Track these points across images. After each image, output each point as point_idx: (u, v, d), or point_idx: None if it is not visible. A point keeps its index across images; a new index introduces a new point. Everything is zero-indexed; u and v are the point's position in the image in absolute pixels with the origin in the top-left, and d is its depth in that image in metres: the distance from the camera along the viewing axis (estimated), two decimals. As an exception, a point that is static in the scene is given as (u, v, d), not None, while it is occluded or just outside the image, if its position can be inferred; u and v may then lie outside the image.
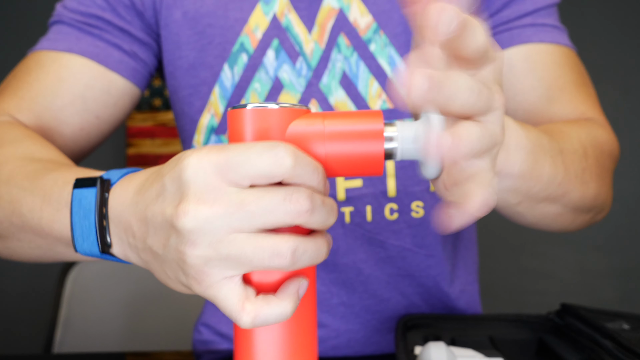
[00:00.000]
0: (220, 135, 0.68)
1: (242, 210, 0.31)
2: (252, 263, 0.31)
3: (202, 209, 0.31)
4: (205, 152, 0.31)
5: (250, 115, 0.33)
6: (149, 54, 0.69)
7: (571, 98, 0.66)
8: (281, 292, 0.33)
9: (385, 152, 0.34)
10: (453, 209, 0.31)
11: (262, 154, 0.31)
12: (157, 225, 0.33)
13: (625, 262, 2.19)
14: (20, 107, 0.62)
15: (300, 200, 0.31)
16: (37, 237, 0.45)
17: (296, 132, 0.33)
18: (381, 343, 0.73)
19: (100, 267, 1.15)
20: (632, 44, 2.15)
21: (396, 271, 0.71)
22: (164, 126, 2.08)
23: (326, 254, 0.34)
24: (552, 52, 0.66)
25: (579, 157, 0.53)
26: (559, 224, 0.55)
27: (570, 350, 0.57)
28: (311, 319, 0.36)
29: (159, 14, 0.67)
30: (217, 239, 0.31)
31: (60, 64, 0.64)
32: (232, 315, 0.32)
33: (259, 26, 0.66)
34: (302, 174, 0.32)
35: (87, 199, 0.39)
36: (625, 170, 2.16)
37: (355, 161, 0.34)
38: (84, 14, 0.65)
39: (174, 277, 0.35)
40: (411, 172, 0.67)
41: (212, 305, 0.79)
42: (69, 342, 1.09)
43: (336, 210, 0.34)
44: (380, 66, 0.66)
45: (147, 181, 0.35)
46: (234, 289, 0.32)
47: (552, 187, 0.48)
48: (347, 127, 0.33)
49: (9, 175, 0.47)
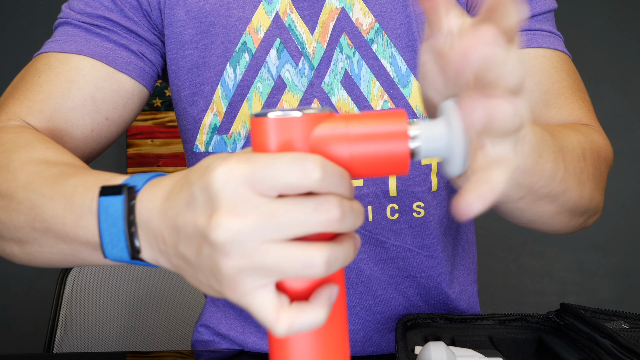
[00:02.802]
0: (223, 135, 0.68)
1: (274, 222, 0.31)
2: (285, 273, 0.31)
3: (234, 221, 0.31)
4: (235, 163, 0.31)
5: (273, 124, 0.33)
6: (156, 54, 0.69)
7: (567, 103, 0.66)
8: (314, 300, 0.33)
9: (410, 152, 0.34)
10: (472, 195, 0.31)
11: (290, 167, 0.31)
12: (189, 234, 0.33)
13: (624, 262, 2.19)
14: (31, 110, 0.61)
15: (332, 209, 0.31)
16: (60, 242, 0.45)
17: (320, 137, 0.33)
18: (381, 343, 0.73)
19: (100, 267, 1.15)
20: (632, 44, 2.16)
21: (397, 272, 0.71)
22: (163, 126, 2.08)
23: (354, 254, 0.34)
24: (549, 57, 0.67)
25: (578, 157, 0.53)
26: (555, 225, 0.56)
27: (570, 350, 0.57)
28: (343, 322, 0.37)
29: (163, 13, 0.67)
30: (250, 249, 0.31)
31: (69, 65, 0.63)
32: (267, 325, 0.32)
33: (261, 25, 0.66)
34: (331, 183, 0.32)
35: (114, 207, 0.39)
36: (625, 170, 2.16)
37: (380, 162, 0.34)
38: (91, 15, 0.65)
39: (206, 283, 0.35)
40: (412, 172, 0.67)
41: (212, 306, 0.79)
42: (69, 342, 1.09)
43: (363, 213, 0.34)
44: (382, 66, 0.66)
45: (175, 188, 0.35)
46: (268, 298, 0.32)
47: (553, 183, 0.49)
48: (371, 129, 0.33)
49: (26, 180, 0.47)
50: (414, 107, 0.66)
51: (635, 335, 0.55)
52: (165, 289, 1.17)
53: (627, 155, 2.16)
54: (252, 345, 0.74)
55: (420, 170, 0.67)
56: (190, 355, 0.77)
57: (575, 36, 2.12)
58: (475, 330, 0.63)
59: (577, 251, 2.19)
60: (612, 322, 0.59)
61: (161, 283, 1.18)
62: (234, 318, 0.76)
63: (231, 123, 0.67)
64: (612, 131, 2.13)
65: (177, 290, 1.18)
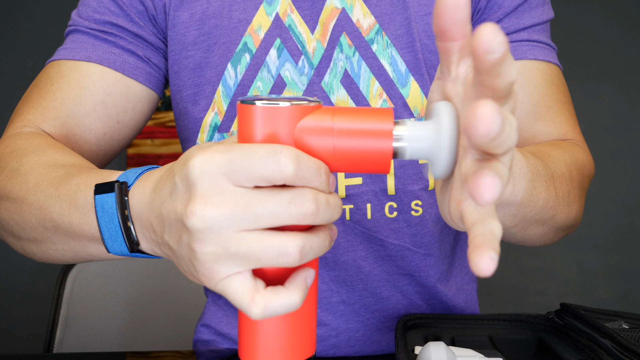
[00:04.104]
0: (224, 133, 0.69)
1: (249, 212, 0.31)
2: (260, 261, 0.32)
3: (209, 209, 0.32)
4: (210, 154, 0.32)
5: (260, 112, 0.33)
6: (161, 58, 0.71)
7: (556, 117, 0.68)
8: (290, 283, 0.34)
9: (393, 151, 0.34)
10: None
11: (264, 159, 0.31)
12: (171, 222, 0.34)
13: (624, 262, 2.19)
14: (45, 117, 0.64)
15: (306, 203, 0.32)
16: (70, 240, 0.47)
17: (305, 128, 0.33)
18: (381, 342, 0.73)
19: (100, 267, 1.15)
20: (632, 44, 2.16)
21: (395, 269, 0.71)
22: (164, 126, 2.08)
23: (329, 245, 0.35)
24: (543, 69, 0.68)
25: (566, 181, 0.55)
26: (542, 242, 0.58)
27: (570, 350, 0.57)
28: (314, 305, 0.38)
29: (168, 15, 0.69)
30: (225, 238, 0.32)
31: (80, 72, 0.66)
32: (243, 307, 0.33)
33: (261, 26, 0.67)
34: (305, 176, 0.32)
35: (108, 204, 0.41)
36: (625, 170, 2.16)
37: (362, 158, 0.34)
38: (98, 22, 0.67)
39: (188, 271, 0.36)
40: (410, 171, 0.67)
41: (213, 306, 0.79)
42: (69, 342, 1.09)
43: (340, 206, 0.35)
44: (382, 66, 0.66)
45: (162, 179, 0.37)
46: (243, 283, 0.33)
47: (544, 210, 0.50)
48: (357, 125, 0.33)
49: (35, 183, 0.49)
50: (411, 107, 0.66)
51: (635, 336, 0.55)
52: (165, 289, 1.17)
53: (627, 155, 2.16)
54: (252, 345, 0.74)
55: (418, 169, 0.67)
56: (191, 355, 0.77)
57: (575, 36, 2.12)
58: (475, 330, 0.63)
59: (577, 251, 2.19)
60: (613, 322, 0.59)
61: (161, 283, 1.18)
62: (234, 317, 0.76)
63: (232, 122, 0.68)
64: (612, 131, 2.13)
65: (177, 290, 1.18)
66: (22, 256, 2.03)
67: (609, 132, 2.13)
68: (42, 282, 2.02)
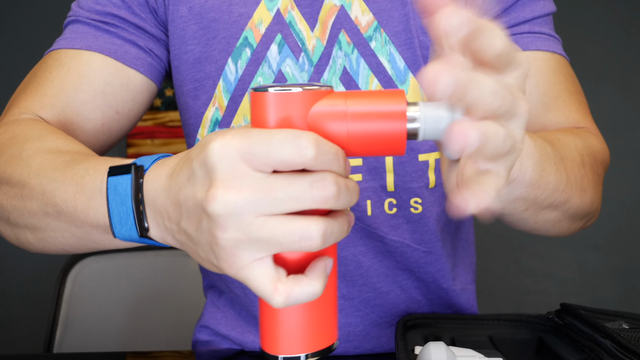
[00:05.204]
0: (224, 129, 0.68)
1: (270, 197, 0.31)
2: (282, 245, 0.32)
3: (230, 194, 0.31)
4: (230, 138, 0.32)
5: (273, 99, 0.33)
6: (163, 49, 0.70)
7: (565, 106, 0.67)
8: (310, 272, 0.34)
9: (407, 132, 0.34)
10: (467, 193, 0.31)
11: (284, 143, 0.31)
12: (190, 209, 0.34)
13: (624, 262, 2.19)
14: (43, 104, 0.63)
15: (327, 187, 0.32)
16: (72, 226, 0.46)
17: (319, 114, 0.33)
18: (380, 338, 0.73)
19: (100, 266, 1.15)
20: (632, 44, 2.16)
21: (395, 264, 0.71)
22: (164, 126, 2.08)
23: (348, 230, 0.35)
24: (548, 60, 0.68)
25: (578, 165, 0.54)
26: (557, 230, 0.57)
27: (570, 350, 0.57)
28: (334, 294, 0.38)
29: (167, 9, 0.69)
30: (246, 223, 0.32)
31: (80, 61, 0.65)
32: (265, 296, 0.33)
33: (262, 21, 0.67)
34: (325, 160, 0.32)
35: (122, 186, 0.40)
36: (625, 170, 2.16)
37: (377, 141, 0.34)
38: (100, 13, 0.67)
39: (206, 259, 0.35)
40: (409, 168, 0.68)
41: (212, 307, 0.79)
42: (69, 342, 1.09)
43: (358, 191, 0.35)
44: (380, 63, 0.66)
45: (178, 165, 0.36)
46: (265, 271, 0.33)
47: (556, 194, 0.49)
48: (370, 108, 0.33)
49: (38, 167, 0.48)
50: None
51: (635, 336, 0.55)
52: (165, 289, 1.17)
53: (627, 155, 2.16)
54: (252, 345, 0.74)
55: (418, 167, 0.67)
56: (190, 355, 0.77)
57: (575, 36, 2.12)
58: (475, 330, 0.63)
59: (578, 251, 2.19)
60: (613, 322, 0.59)
61: (161, 283, 1.18)
62: (233, 318, 0.76)
63: (232, 117, 0.68)
64: (612, 131, 2.13)
65: (177, 290, 1.18)
66: (22, 256, 2.03)
67: (609, 132, 2.13)
68: (42, 282, 2.02)
